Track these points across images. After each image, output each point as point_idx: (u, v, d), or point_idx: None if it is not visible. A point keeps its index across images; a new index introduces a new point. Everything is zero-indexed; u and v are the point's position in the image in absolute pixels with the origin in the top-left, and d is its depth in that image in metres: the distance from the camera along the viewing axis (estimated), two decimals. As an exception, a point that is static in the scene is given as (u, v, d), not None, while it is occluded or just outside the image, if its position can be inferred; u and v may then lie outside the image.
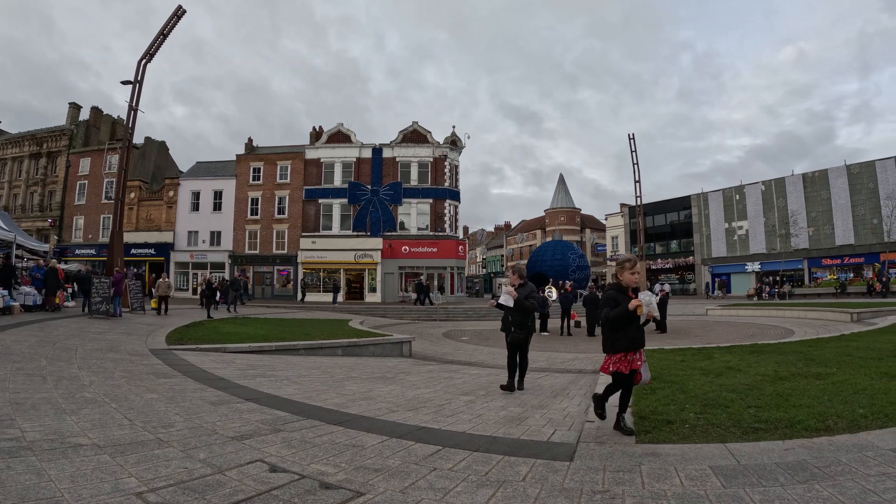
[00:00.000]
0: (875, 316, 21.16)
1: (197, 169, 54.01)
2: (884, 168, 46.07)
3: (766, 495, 3.33)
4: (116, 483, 3.47)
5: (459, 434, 5.25)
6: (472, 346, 18.97)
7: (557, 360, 14.06)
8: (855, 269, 48.08)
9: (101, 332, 14.36)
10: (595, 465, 4.08)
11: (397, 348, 15.52)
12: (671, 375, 8.26)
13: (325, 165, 48.95)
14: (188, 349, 12.21)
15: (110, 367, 8.80)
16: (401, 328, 25.89)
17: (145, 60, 26.86)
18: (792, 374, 7.85)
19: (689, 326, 24.52)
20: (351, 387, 8.53)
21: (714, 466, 3.91)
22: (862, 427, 4.80)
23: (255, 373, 9.40)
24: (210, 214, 49.34)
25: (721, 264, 58.39)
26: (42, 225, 51.46)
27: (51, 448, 4.15)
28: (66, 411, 5.47)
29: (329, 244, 47.28)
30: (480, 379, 9.95)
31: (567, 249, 50.54)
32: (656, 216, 65.93)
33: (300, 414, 5.98)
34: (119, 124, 52.66)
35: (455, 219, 49.20)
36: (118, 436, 4.64)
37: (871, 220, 46.65)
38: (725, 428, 5.00)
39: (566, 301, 24.22)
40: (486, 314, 34.86)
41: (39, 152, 53.77)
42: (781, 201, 52.72)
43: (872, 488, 3.34)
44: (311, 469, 3.97)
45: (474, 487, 3.63)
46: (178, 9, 26.94)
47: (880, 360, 9.03)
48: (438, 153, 48.20)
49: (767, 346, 12.46)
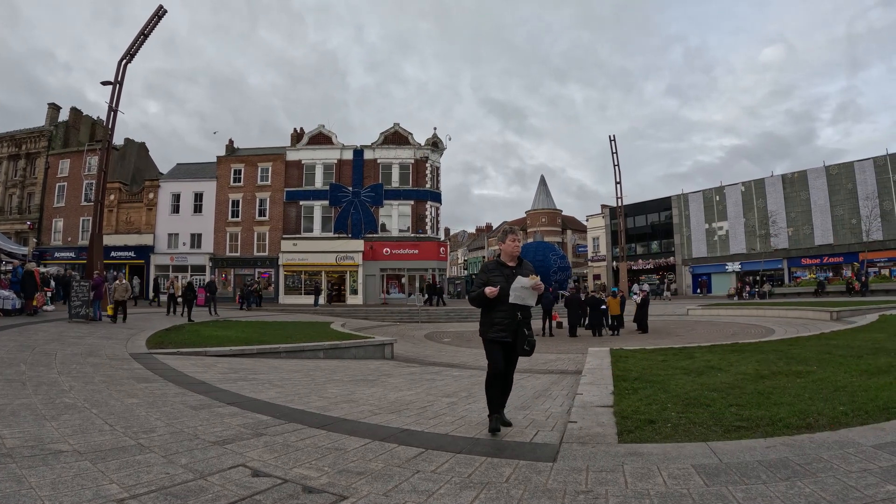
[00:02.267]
0: (854, 314, 21.41)
1: (177, 171, 53.52)
2: (862, 169, 46.76)
3: (748, 493, 3.33)
4: (97, 490, 3.41)
5: (442, 436, 5.23)
6: (453, 347, 18.97)
7: (539, 360, 14.06)
8: (834, 268, 48.76)
9: (81, 336, 14.18)
10: (578, 466, 4.06)
11: (379, 350, 15.49)
12: (653, 375, 8.28)
13: (307, 167, 48.74)
14: (169, 353, 12.09)
15: (90, 372, 8.68)
16: (383, 330, 25.83)
17: (125, 61, 26.58)
18: (773, 373, 7.90)
19: (669, 326, 24.70)
20: (333, 389, 8.48)
21: (696, 465, 3.91)
22: (843, 424, 4.83)
23: (237, 376, 9.31)
24: (190, 217, 48.88)
25: (702, 264, 58.95)
26: (21, 227, 50.65)
27: (31, 455, 4.08)
28: (46, 417, 5.38)
29: (310, 246, 47.10)
30: (462, 381, 9.94)
31: (548, 251, 50.42)
32: (637, 217, 66.40)
33: (282, 417, 5.92)
34: (98, 125, 52.17)
35: (436, 220, 49.20)
36: (99, 442, 4.56)
37: (849, 221, 47.31)
38: (707, 427, 5.01)
39: (547, 302, 24.28)
40: (467, 316, 34.90)
41: (18, 153, 52.94)
42: (761, 202, 53.33)
43: (854, 484, 3.35)
44: (294, 473, 3.92)
45: (457, 489, 3.60)
46: (158, 8, 26.75)
47: (860, 357, 9.11)
48: (420, 155, 48.18)
49: (748, 345, 12.54)
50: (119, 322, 19.44)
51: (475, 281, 5.41)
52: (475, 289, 5.33)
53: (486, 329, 5.32)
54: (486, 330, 5.32)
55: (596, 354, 11.25)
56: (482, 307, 5.29)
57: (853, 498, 3.15)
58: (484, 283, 5.24)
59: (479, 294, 5.22)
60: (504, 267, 5.43)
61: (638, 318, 23.70)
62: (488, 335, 5.27)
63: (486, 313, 5.31)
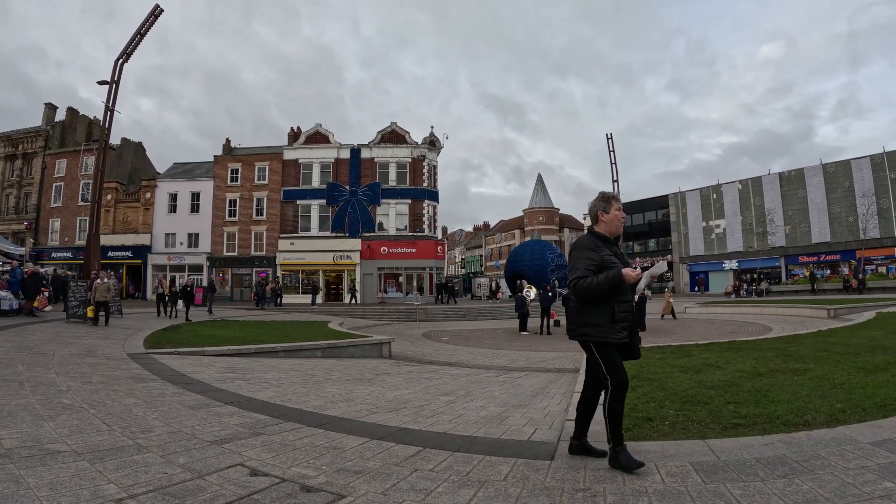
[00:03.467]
0: (851, 312, 21.43)
1: (174, 170, 53.43)
2: (859, 167, 46.85)
3: (746, 490, 3.33)
4: (95, 490, 3.40)
5: (440, 435, 5.22)
6: (451, 346, 18.96)
7: (537, 359, 14.09)
8: (831, 266, 48.83)
9: (79, 336, 14.14)
10: (576, 464, 4.07)
11: (377, 349, 15.45)
12: (651, 373, 8.29)
13: (304, 166, 48.70)
14: (166, 353, 12.05)
15: (88, 372, 8.66)
16: (380, 329, 25.80)
17: (122, 60, 26.59)
18: (770, 371, 7.92)
19: (667, 324, 24.70)
20: (331, 389, 8.47)
21: (694, 462, 3.91)
22: (840, 421, 4.84)
23: (235, 376, 9.30)
24: (188, 216, 48.81)
25: (699, 262, 59.01)
26: (18, 228, 50.50)
27: (29, 455, 4.06)
28: (44, 417, 5.36)
29: (308, 245, 47.09)
30: (460, 379, 9.93)
31: (546, 249, 50.75)
32: (634, 215, 66.44)
33: (280, 417, 5.91)
34: (95, 125, 51.90)
35: (434, 219, 49.20)
36: (97, 442, 4.55)
37: (846, 218, 47.41)
38: (705, 424, 5.02)
39: (545, 300, 24.30)
40: (465, 314, 34.89)
41: (15, 154, 52.77)
42: (758, 200, 53.40)
43: (852, 481, 3.36)
44: (292, 472, 3.91)
45: (455, 488, 3.60)
46: (155, 7, 26.73)
47: (857, 355, 9.13)
48: (417, 154, 48.17)
49: (746, 342, 12.56)
50: (101, 325, 17.56)
51: (577, 264, 4.08)
52: (584, 273, 3.98)
53: (604, 330, 3.98)
54: (605, 332, 3.97)
55: (594, 353, 11.24)
56: (600, 299, 3.99)
57: (851, 495, 3.15)
58: (598, 265, 4.01)
59: (614, 278, 3.87)
60: (611, 244, 4.22)
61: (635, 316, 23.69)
62: (610, 338, 3.97)
63: (603, 307, 3.99)
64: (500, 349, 17.41)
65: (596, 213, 4.29)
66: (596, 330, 3.98)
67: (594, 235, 4.21)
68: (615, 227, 4.25)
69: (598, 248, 4.08)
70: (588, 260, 4.02)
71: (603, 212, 4.24)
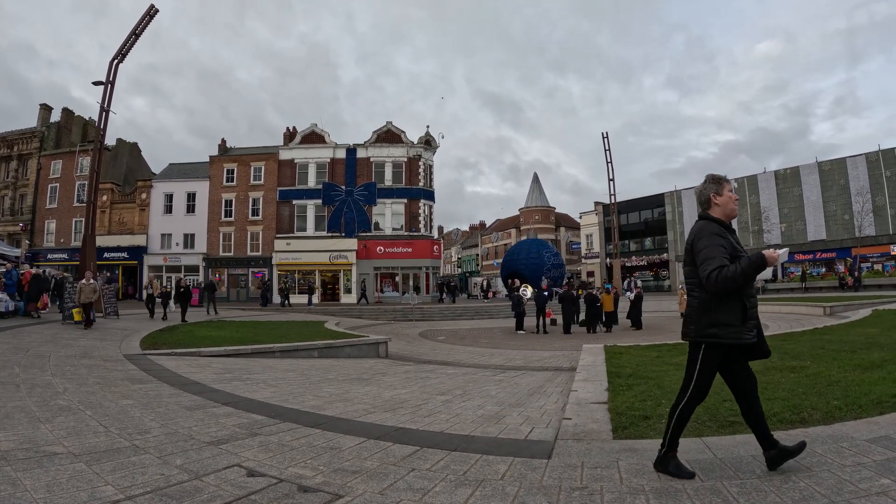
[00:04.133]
0: (847, 309, 21.46)
1: (170, 171, 53.32)
2: (854, 165, 46.92)
3: (743, 488, 3.34)
4: (93, 491, 3.41)
5: (437, 434, 5.22)
6: (448, 345, 18.97)
7: (534, 357, 14.10)
8: (827, 263, 48.92)
9: (75, 338, 14.11)
10: (573, 462, 4.07)
11: (373, 349, 15.44)
12: (647, 371, 8.31)
13: (299, 166, 48.64)
14: (163, 354, 12.04)
15: (84, 374, 8.65)
16: (377, 329, 25.79)
17: (117, 61, 26.49)
18: (766, 368, 7.92)
19: (663, 322, 24.76)
20: (328, 389, 8.47)
21: (691, 460, 3.91)
22: (837, 418, 4.85)
23: (231, 376, 9.29)
24: (183, 217, 48.71)
25: (695, 261, 58.93)
26: (13, 229, 50.35)
27: (25, 457, 4.07)
28: (41, 419, 5.36)
29: (304, 245, 47.03)
30: (457, 378, 9.93)
31: (542, 248, 50.71)
32: (630, 214, 66.46)
33: (277, 417, 5.91)
34: (90, 125, 51.73)
35: (430, 219, 49.20)
36: (94, 443, 4.55)
37: (842, 216, 47.47)
38: (702, 422, 5.02)
39: (541, 299, 24.32)
40: (461, 314, 34.90)
41: (10, 155, 52.55)
42: (754, 198, 53.46)
43: (849, 479, 3.36)
44: (289, 472, 3.91)
45: (453, 487, 3.60)
46: (150, 8, 26.64)
47: (853, 352, 9.14)
48: (413, 153, 48.18)
49: (742, 340, 12.55)
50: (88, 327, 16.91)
51: (711, 252, 3.52)
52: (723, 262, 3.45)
53: (736, 330, 3.50)
54: (737, 332, 3.50)
55: (590, 351, 11.28)
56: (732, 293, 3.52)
57: (847, 492, 3.16)
58: (732, 252, 3.57)
59: (758, 263, 3.40)
60: (731, 231, 3.74)
61: (632, 315, 23.77)
62: (743, 338, 3.51)
63: (734, 303, 3.52)
64: (497, 348, 17.43)
65: (708, 197, 3.85)
66: (726, 330, 3.49)
67: (716, 221, 3.74)
68: (730, 209, 3.80)
69: (724, 235, 3.63)
70: (721, 248, 3.53)
71: (715, 194, 3.81)
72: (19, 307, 19.74)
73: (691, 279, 3.73)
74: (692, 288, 3.73)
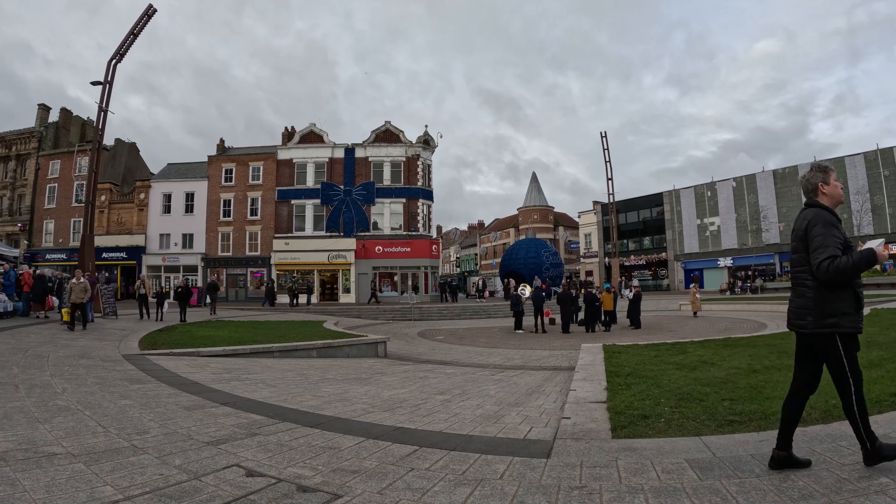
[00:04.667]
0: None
1: (168, 171, 53.23)
2: (853, 164, 46.95)
3: (742, 486, 3.34)
4: (92, 492, 3.41)
5: (436, 433, 5.22)
6: (447, 345, 18.96)
7: (532, 357, 14.11)
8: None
9: (73, 338, 14.11)
10: (572, 462, 4.07)
11: (372, 349, 15.44)
12: (646, 371, 8.31)
13: (298, 166, 48.58)
14: (161, 354, 12.02)
15: (83, 374, 8.64)
16: (375, 329, 25.80)
17: (115, 61, 26.47)
18: (765, 367, 7.94)
19: (662, 322, 24.77)
20: (326, 388, 8.47)
21: (690, 459, 3.92)
22: (835, 417, 4.86)
23: (230, 376, 9.28)
24: (182, 217, 48.64)
25: (693, 260, 59.06)
26: (12, 229, 50.27)
27: (24, 458, 4.06)
28: (40, 420, 5.36)
29: (302, 245, 46.96)
30: (456, 378, 9.93)
31: (541, 247, 50.82)
32: (629, 213, 66.47)
33: (276, 417, 5.91)
34: (89, 126, 51.68)
35: (428, 218, 49.15)
36: (92, 444, 4.55)
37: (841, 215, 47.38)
38: (700, 421, 5.03)
39: (539, 299, 24.33)
40: (460, 313, 34.87)
41: (8, 155, 52.41)
42: (752, 197, 53.49)
43: (847, 477, 3.37)
44: (288, 472, 3.91)
45: (452, 486, 3.60)
46: (148, 7, 26.62)
47: (850, 351, 9.13)
48: (411, 153, 48.10)
49: (741, 339, 12.59)
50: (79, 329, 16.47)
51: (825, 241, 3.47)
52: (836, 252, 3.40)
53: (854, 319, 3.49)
54: (855, 320, 3.49)
55: (589, 350, 11.28)
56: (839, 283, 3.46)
57: (846, 490, 3.16)
58: (844, 242, 3.51)
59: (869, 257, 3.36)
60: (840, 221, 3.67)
61: (630, 314, 23.78)
62: (859, 326, 3.49)
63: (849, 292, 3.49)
64: (496, 348, 17.43)
65: (816, 185, 3.80)
66: (846, 319, 3.44)
67: (827, 210, 3.69)
68: (837, 198, 3.78)
69: (838, 226, 3.56)
70: (835, 238, 3.46)
71: (823, 183, 3.77)
72: (18, 307, 19.72)
73: (800, 267, 3.70)
74: (804, 275, 3.66)
